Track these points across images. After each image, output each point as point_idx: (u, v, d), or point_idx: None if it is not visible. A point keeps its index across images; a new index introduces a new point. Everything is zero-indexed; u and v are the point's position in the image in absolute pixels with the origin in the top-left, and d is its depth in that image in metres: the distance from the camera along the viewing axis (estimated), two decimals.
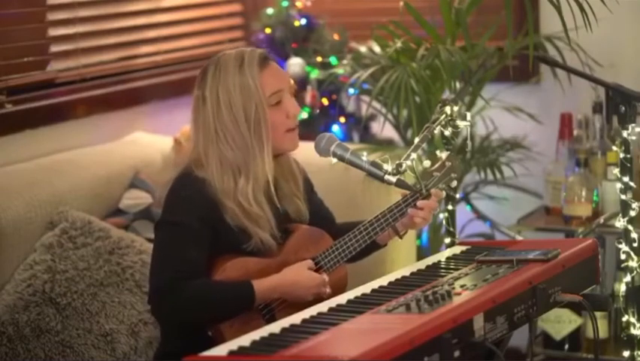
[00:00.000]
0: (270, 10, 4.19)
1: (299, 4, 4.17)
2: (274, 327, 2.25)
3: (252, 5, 4.50)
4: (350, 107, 4.11)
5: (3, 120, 3.36)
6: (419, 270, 2.65)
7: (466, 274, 2.50)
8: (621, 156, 3.06)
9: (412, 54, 3.58)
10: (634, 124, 3.03)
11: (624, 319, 3.11)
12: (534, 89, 4.19)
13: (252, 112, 2.65)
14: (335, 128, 4.04)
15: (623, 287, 3.11)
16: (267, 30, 4.15)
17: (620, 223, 3.07)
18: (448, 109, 2.87)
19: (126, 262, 3.20)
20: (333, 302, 2.41)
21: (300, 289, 2.64)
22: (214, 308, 2.58)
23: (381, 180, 2.65)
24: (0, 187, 3.14)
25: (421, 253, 3.79)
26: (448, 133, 2.94)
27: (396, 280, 2.57)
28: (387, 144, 4.02)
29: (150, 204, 3.44)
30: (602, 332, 3.80)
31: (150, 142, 3.76)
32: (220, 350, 2.14)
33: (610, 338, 3.83)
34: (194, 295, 2.56)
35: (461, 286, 2.37)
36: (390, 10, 3.77)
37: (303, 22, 4.13)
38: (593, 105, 3.85)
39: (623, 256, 3.07)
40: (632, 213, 3.05)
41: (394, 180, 2.64)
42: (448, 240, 3.09)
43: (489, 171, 3.85)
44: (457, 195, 3.24)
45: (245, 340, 2.18)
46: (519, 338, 2.74)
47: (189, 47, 4.23)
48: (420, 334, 2.07)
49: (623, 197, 3.06)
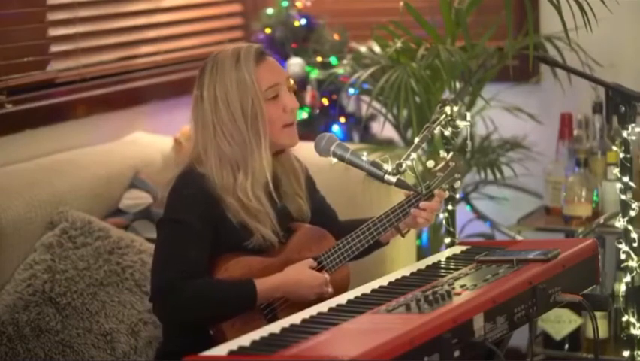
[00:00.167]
0: (270, 10, 4.19)
1: (299, 4, 4.17)
2: (274, 327, 2.25)
3: (252, 5, 4.50)
4: (350, 107, 4.10)
5: (3, 120, 3.36)
6: (419, 270, 2.65)
7: (466, 274, 2.50)
8: (621, 156, 3.06)
9: (412, 54, 3.58)
10: (634, 124, 3.03)
11: (624, 319, 3.11)
12: (534, 89, 4.19)
13: (249, 106, 2.65)
14: (335, 128, 4.04)
15: (623, 287, 3.10)
16: (267, 30, 4.14)
17: (620, 223, 3.07)
18: (448, 109, 2.87)
19: (126, 262, 3.20)
20: (333, 302, 2.41)
21: (303, 288, 2.64)
22: (216, 307, 2.58)
23: (381, 180, 2.65)
24: (0, 187, 3.14)
25: (421, 253, 3.79)
26: (448, 133, 2.94)
27: (396, 280, 2.57)
28: (387, 144, 4.02)
29: (150, 204, 3.43)
30: (602, 332, 3.79)
31: (150, 142, 3.76)
32: (220, 349, 2.14)
33: (610, 338, 3.83)
34: (196, 294, 2.56)
35: (461, 286, 2.37)
36: (390, 10, 3.77)
37: (303, 22, 4.13)
38: (593, 105, 3.84)
39: (623, 256, 3.07)
40: (632, 213, 3.05)
41: (394, 180, 2.64)
42: (448, 240, 3.08)
43: (489, 171, 3.85)
44: (457, 195, 3.24)
45: (245, 340, 2.18)
46: (519, 338, 2.74)
47: (189, 47, 4.23)
48: (420, 334, 2.07)
49: (623, 197, 3.06)
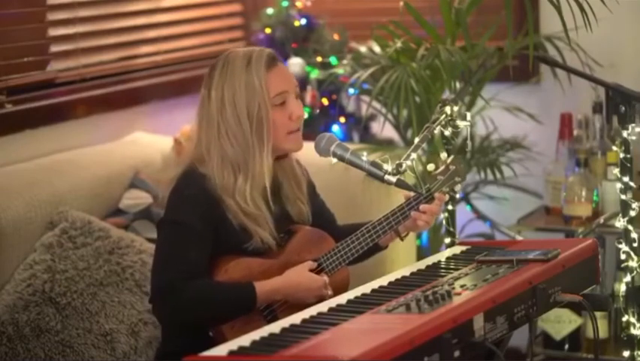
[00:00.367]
0: (270, 10, 4.19)
1: (299, 4, 4.17)
2: (274, 327, 2.24)
3: (252, 5, 4.50)
4: (350, 107, 4.10)
5: (3, 120, 3.36)
6: (419, 270, 2.65)
7: (466, 274, 2.50)
8: (621, 156, 3.06)
9: (412, 54, 3.58)
10: (634, 124, 3.03)
11: (624, 319, 3.11)
12: (534, 89, 4.19)
13: (255, 111, 2.66)
14: (335, 128, 4.04)
15: (623, 287, 3.10)
16: (267, 30, 4.14)
17: (620, 223, 3.07)
18: (448, 109, 2.87)
19: (126, 262, 3.20)
20: (333, 302, 2.41)
21: (303, 291, 2.64)
22: (215, 309, 2.58)
23: (381, 180, 2.65)
24: (0, 187, 3.14)
25: (421, 253, 3.79)
26: (448, 133, 2.94)
27: (396, 280, 2.57)
28: (387, 144, 4.02)
29: (150, 204, 3.43)
30: (602, 332, 3.79)
31: (150, 142, 3.76)
32: (220, 350, 2.14)
33: (610, 338, 3.83)
34: (195, 295, 2.56)
35: (461, 286, 2.36)
36: (390, 10, 3.77)
37: (303, 22, 4.13)
38: (593, 105, 3.84)
39: (623, 256, 3.07)
40: (632, 213, 3.05)
41: (394, 180, 2.64)
42: (448, 240, 3.08)
43: (489, 171, 3.85)
44: (457, 195, 3.24)
45: (245, 340, 2.17)
46: (519, 338, 2.74)
47: (189, 47, 4.23)
48: (420, 334, 2.07)
49: (623, 197, 3.06)
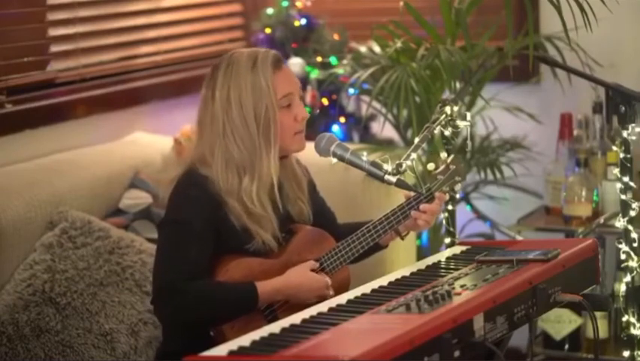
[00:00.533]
0: (270, 10, 4.19)
1: (299, 4, 4.17)
2: (274, 327, 2.25)
3: (252, 5, 4.50)
4: (350, 107, 4.10)
5: (3, 120, 3.36)
6: (419, 270, 2.65)
7: (466, 274, 2.50)
8: (621, 156, 3.06)
9: (412, 54, 3.58)
10: (634, 124, 3.03)
11: (624, 319, 3.11)
12: (534, 89, 4.19)
13: (262, 112, 2.65)
14: (335, 128, 4.03)
15: (623, 287, 3.11)
16: (267, 30, 4.14)
17: (620, 223, 3.07)
18: (448, 109, 2.87)
19: (126, 262, 3.20)
20: (333, 302, 2.41)
21: (304, 291, 2.64)
22: (217, 309, 2.58)
23: (381, 180, 2.65)
24: (0, 187, 3.14)
25: (421, 253, 3.79)
26: (448, 133, 2.94)
27: (396, 280, 2.57)
28: (387, 144, 4.02)
29: (150, 204, 3.43)
30: (602, 332, 3.79)
31: (150, 142, 3.76)
32: (220, 350, 2.14)
33: (610, 338, 3.82)
34: (197, 296, 2.56)
35: (461, 286, 2.36)
36: (390, 10, 3.77)
37: (303, 22, 4.12)
38: (593, 105, 3.84)
39: (623, 256, 3.07)
40: (632, 213, 3.05)
41: (394, 180, 2.64)
42: (448, 240, 3.08)
43: (489, 171, 3.85)
44: (457, 195, 3.24)
45: (245, 340, 2.17)
46: (519, 338, 2.74)
47: (189, 47, 4.23)
48: (420, 334, 2.07)
49: (623, 197, 3.06)
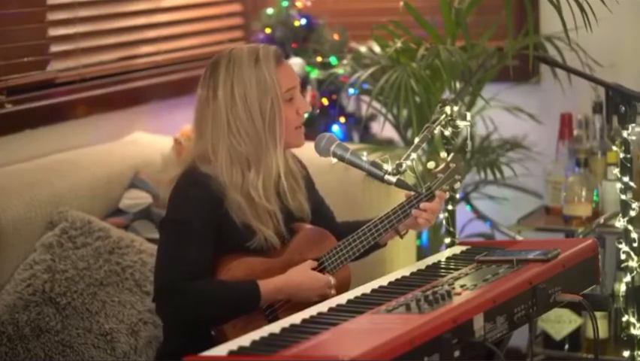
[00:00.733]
0: (270, 10, 4.19)
1: (299, 4, 4.17)
2: (274, 327, 2.24)
3: (252, 5, 4.50)
4: (350, 107, 4.10)
5: (3, 120, 3.36)
6: (419, 270, 2.65)
7: (466, 274, 2.50)
8: (621, 156, 3.06)
9: (412, 54, 3.58)
10: (634, 124, 3.03)
11: (624, 319, 3.11)
12: (534, 89, 4.19)
13: (268, 107, 2.66)
14: (335, 128, 4.04)
15: (623, 287, 3.11)
16: (267, 30, 4.14)
17: (620, 223, 3.07)
18: (448, 109, 2.87)
19: (126, 262, 3.20)
20: (333, 302, 2.41)
21: (305, 290, 2.64)
22: (218, 309, 2.58)
23: (381, 180, 2.65)
24: (0, 187, 3.14)
25: (421, 253, 3.79)
26: (448, 133, 2.94)
27: (396, 280, 2.57)
28: (387, 144, 4.02)
29: (150, 204, 3.43)
30: (602, 332, 3.79)
31: (150, 142, 3.76)
32: (220, 349, 2.14)
33: (610, 338, 3.82)
34: (198, 295, 2.56)
35: (461, 286, 2.36)
36: (390, 10, 3.77)
37: (303, 22, 4.12)
38: (593, 105, 3.84)
39: (623, 256, 3.07)
40: (632, 213, 3.05)
41: (394, 180, 2.64)
42: (448, 240, 3.08)
43: (489, 171, 3.85)
44: (457, 194, 3.24)
45: (245, 340, 2.17)
46: (519, 338, 2.74)
47: (189, 47, 4.23)
48: (420, 334, 2.07)
49: (623, 197, 3.06)
